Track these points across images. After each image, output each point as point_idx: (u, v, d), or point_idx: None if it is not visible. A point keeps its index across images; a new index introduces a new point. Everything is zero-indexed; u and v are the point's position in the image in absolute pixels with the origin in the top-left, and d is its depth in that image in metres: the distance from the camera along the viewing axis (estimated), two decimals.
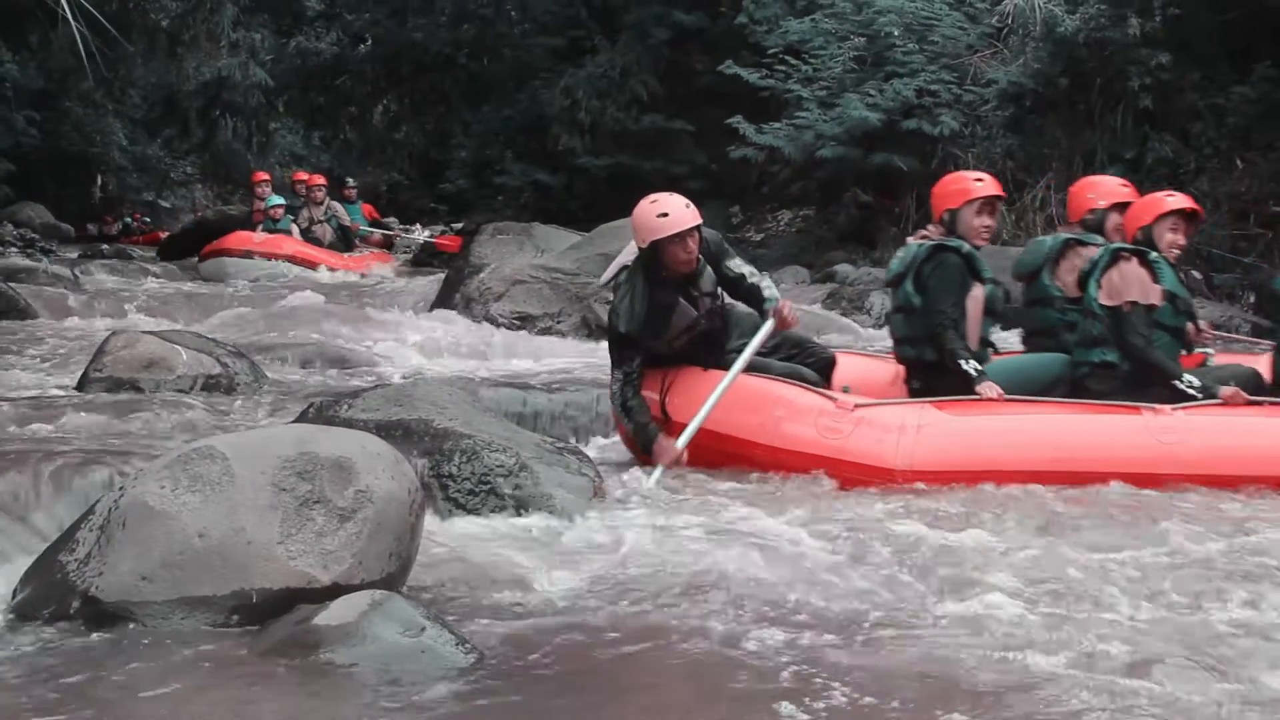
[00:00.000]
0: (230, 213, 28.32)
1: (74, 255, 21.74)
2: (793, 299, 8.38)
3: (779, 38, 22.52)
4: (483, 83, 32.80)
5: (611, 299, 7.21)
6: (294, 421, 6.17)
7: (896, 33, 21.11)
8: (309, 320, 12.40)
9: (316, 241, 20.27)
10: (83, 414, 6.92)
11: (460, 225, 25.80)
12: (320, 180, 21.73)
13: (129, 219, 29.47)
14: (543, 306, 12.80)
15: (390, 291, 16.13)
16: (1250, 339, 10.62)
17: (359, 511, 4.14)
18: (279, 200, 20.74)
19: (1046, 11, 19.71)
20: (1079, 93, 19.86)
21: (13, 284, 13.34)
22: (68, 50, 24.88)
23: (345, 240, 20.94)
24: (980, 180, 7.46)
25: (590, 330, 12.42)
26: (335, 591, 3.97)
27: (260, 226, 20.32)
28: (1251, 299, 17.53)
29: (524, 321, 12.58)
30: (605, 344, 10.21)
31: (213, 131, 36.78)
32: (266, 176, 22.82)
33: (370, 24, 35.79)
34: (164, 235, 26.69)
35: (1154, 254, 6.92)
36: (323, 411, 6.18)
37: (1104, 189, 8.12)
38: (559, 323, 12.59)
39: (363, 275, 19.32)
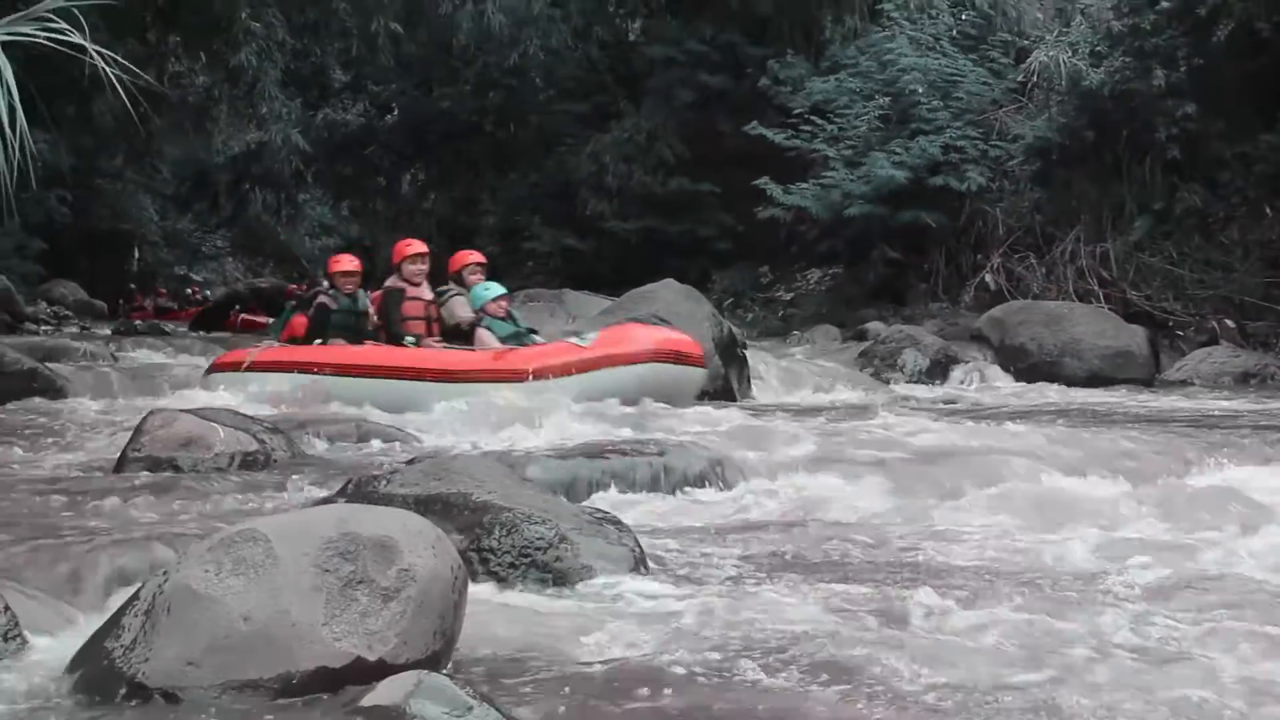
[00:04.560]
0: (260, 285, 28.52)
1: (108, 332, 21.85)
2: (823, 357, 8.41)
3: (804, 98, 22.69)
4: (509, 149, 33.03)
5: None
6: (332, 497, 6.18)
7: (921, 90, 21.23)
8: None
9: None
10: (122, 496, 6.94)
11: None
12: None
13: (188, 292, 29.34)
14: None
15: None
16: None
17: (402, 590, 4.14)
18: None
19: (1071, 66, 19.76)
20: (1105, 145, 19.94)
21: (49, 363, 13.42)
22: (108, 119, 25.18)
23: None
24: None
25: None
26: (381, 671, 3.96)
27: None
28: None
29: None
30: (646, 408, 10.53)
31: (243, 205, 37.07)
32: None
33: (396, 94, 36.12)
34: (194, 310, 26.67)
35: None
36: (361, 488, 6.19)
37: None
38: None
39: None
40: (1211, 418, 12.33)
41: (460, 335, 13.30)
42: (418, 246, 14.06)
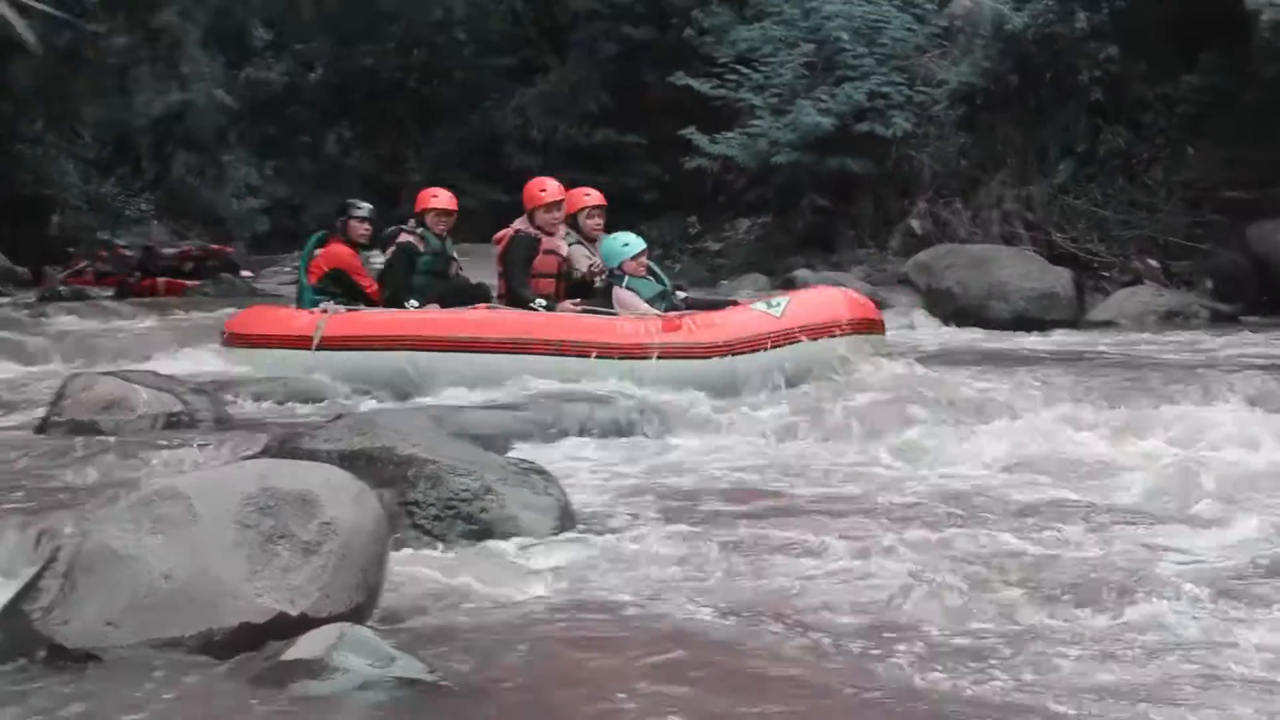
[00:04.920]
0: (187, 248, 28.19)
1: (32, 299, 21.61)
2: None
3: (728, 47, 22.64)
4: (435, 106, 32.86)
5: None
6: (256, 456, 6.14)
7: (845, 37, 21.22)
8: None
9: None
10: (43, 458, 6.88)
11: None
12: None
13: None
14: None
15: None
16: None
17: (324, 544, 4.12)
18: None
19: (994, 10, 19.78)
20: (1029, 88, 19.99)
21: None
22: (27, 83, 24.83)
23: None
24: None
25: None
26: (304, 626, 3.95)
27: None
28: (1209, 285, 17.64)
29: None
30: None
31: (167, 167, 36.68)
32: None
33: (319, 52, 35.77)
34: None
35: None
36: (285, 445, 6.15)
37: None
38: None
39: None
40: (1137, 357, 12.45)
41: (581, 291, 10.77)
42: (554, 192, 11.16)
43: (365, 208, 11.93)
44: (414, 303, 10.71)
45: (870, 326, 10.10)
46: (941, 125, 21.33)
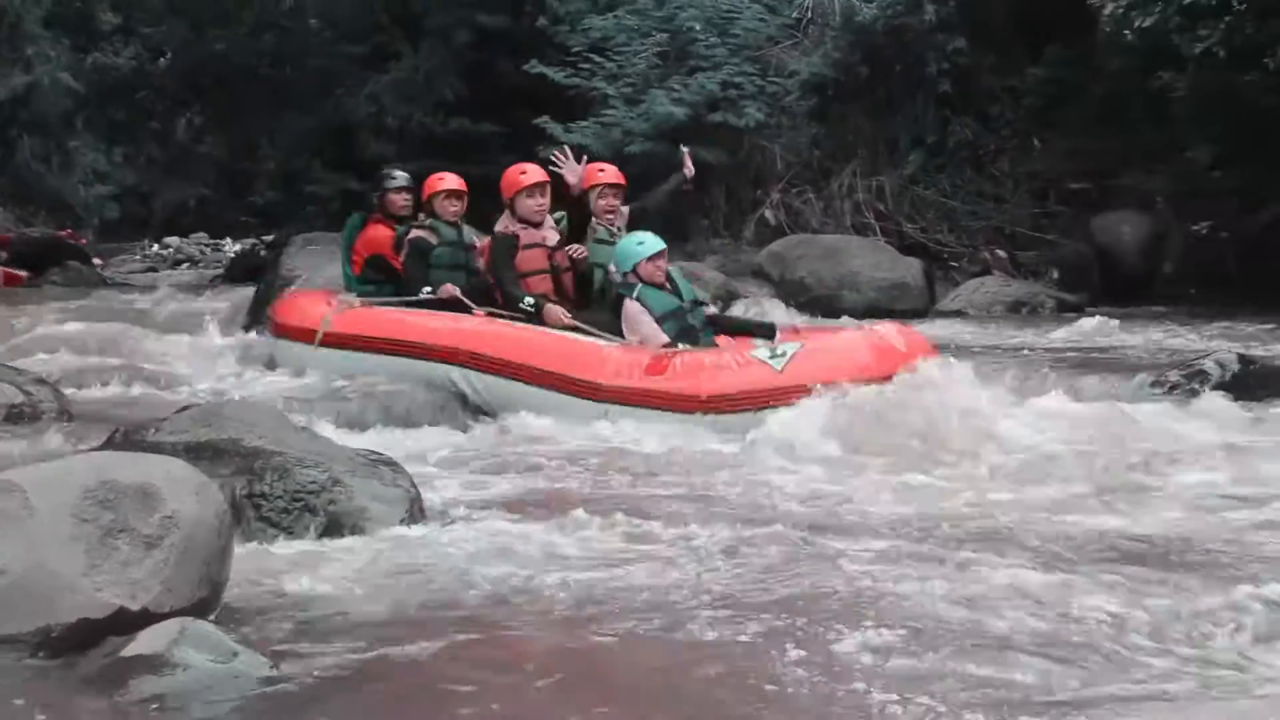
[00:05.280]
0: (32, 235, 27.62)
1: None
2: None
3: (582, 36, 22.58)
4: (287, 92, 32.42)
5: None
6: (99, 448, 6.04)
7: (698, 27, 21.27)
8: (114, 344, 12.12)
9: None
10: None
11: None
12: None
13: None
14: None
15: (197, 310, 15.79)
16: None
17: (165, 538, 4.07)
18: None
19: (844, 1, 19.98)
20: (879, 80, 20.23)
21: None
22: None
23: None
24: None
25: None
26: (145, 620, 3.90)
27: None
28: (1055, 275, 18.00)
29: None
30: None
31: (11, 152, 35.90)
32: None
33: (168, 37, 35.19)
34: None
35: None
36: (129, 437, 6.06)
37: None
38: None
39: None
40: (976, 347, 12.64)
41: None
42: (535, 174, 9.97)
43: (400, 176, 11.18)
44: (428, 290, 9.76)
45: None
46: (794, 116, 21.49)
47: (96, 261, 26.33)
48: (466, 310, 9.43)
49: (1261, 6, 13.69)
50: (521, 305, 9.16)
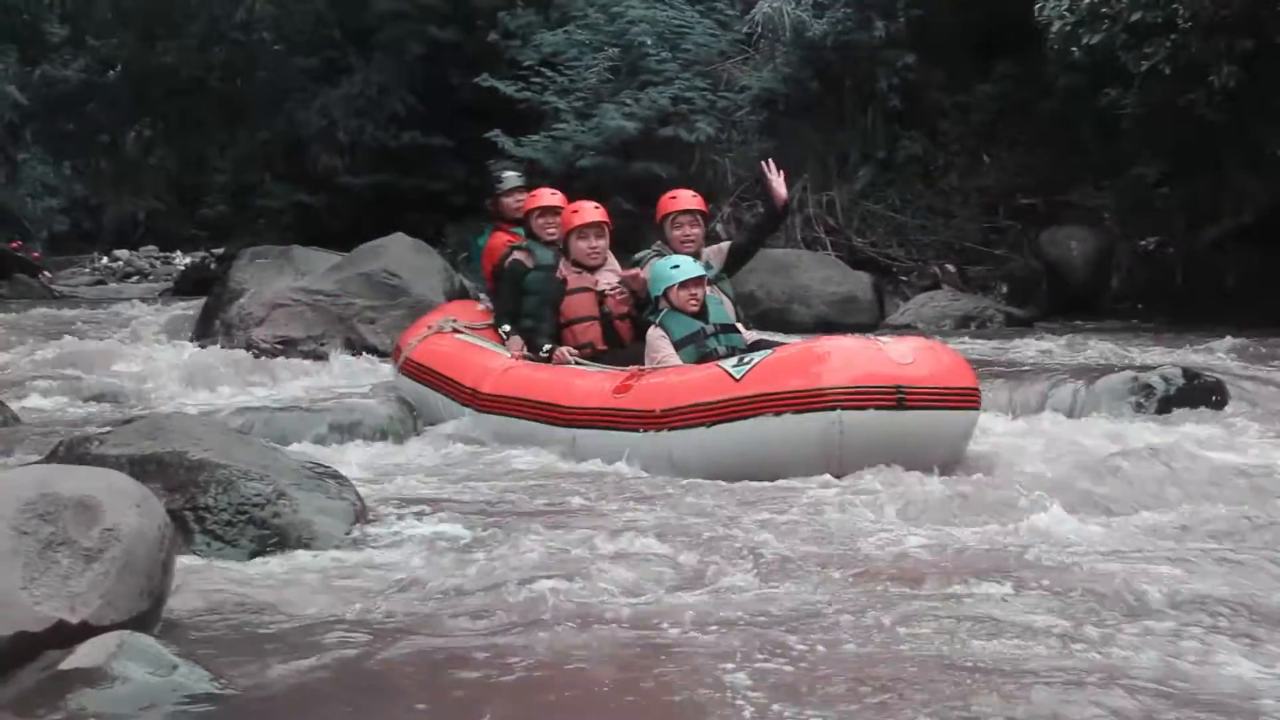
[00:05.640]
0: None
1: None
2: None
3: (533, 50, 22.60)
4: (238, 105, 32.30)
5: None
6: (43, 461, 6.00)
7: (649, 42, 21.31)
8: (63, 355, 12.08)
9: None
10: None
11: None
12: None
13: None
14: (305, 329, 12.68)
15: (147, 322, 15.74)
16: None
17: (106, 551, 4.04)
18: None
19: (794, 17, 20.04)
20: (830, 95, 20.32)
21: None
22: None
23: None
24: None
25: (355, 350, 12.31)
26: (85, 634, 3.87)
27: None
28: (1004, 289, 18.11)
29: (286, 345, 12.44)
30: (367, 364, 9.97)
31: None
32: None
33: (118, 49, 34.99)
34: None
35: None
36: (73, 449, 6.01)
37: None
38: (322, 345, 12.47)
39: None
40: None
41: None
42: (588, 214, 9.04)
43: (510, 178, 10.27)
44: (547, 347, 8.61)
45: (899, 402, 6.83)
46: (744, 130, 21.55)
47: (45, 275, 26.15)
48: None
49: (1206, 25, 13.81)
50: (540, 354, 8.57)
